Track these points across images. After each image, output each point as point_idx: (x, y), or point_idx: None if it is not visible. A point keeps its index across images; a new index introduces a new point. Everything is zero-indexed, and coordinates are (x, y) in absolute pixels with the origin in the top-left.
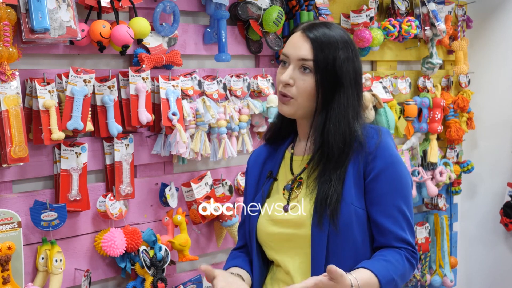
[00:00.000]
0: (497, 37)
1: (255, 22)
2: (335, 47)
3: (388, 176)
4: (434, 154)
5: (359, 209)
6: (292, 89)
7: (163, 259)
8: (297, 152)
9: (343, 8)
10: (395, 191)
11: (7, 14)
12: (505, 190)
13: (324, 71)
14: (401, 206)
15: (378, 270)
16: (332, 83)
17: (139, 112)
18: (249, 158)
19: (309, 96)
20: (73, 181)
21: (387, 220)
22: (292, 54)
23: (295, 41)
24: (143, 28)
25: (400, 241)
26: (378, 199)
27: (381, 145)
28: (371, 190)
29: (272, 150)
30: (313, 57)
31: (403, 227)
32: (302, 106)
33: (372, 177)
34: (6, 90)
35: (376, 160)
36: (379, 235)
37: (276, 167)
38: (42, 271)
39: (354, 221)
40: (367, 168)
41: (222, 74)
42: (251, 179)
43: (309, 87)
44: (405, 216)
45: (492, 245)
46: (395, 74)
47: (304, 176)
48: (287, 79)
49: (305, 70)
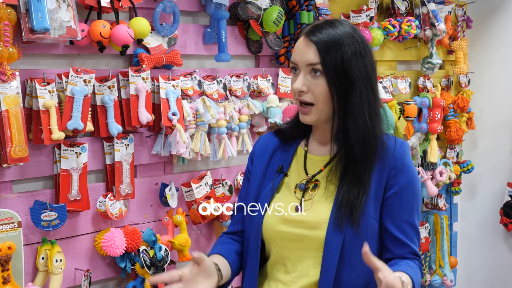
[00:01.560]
0: (497, 37)
1: (255, 22)
2: (341, 45)
3: (410, 193)
4: (434, 154)
5: (374, 221)
6: (308, 95)
7: (163, 259)
8: (312, 150)
9: (343, 8)
10: (412, 208)
11: (7, 14)
12: (505, 190)
13: (333, 71)
14: (415, 222)
15: (412, 275)
16: (344, 81)
17: (139, 112)
18: (256, 144)
19: (326, 99)
20: (73, 181)
21: (404, 235)
22: (300, 61)
23: (300, 47)
24: (143, 28)
25: (412, 254)
26: (396, 214)
27: (405, 160)
28: (390, 205)
29: (281, 143)
30: (320, 59)
31: (415, 243)
32: (322, 110)
33: (393, 192)
34: (6, 90)
35: (399, 175)
36: (396, 248)
37: (287, 162)
38: (42, 271)
39: (369, 232)
40: (389, 182)
41: (222, 74)
42: (258, 166)
43: (324, 90)
44: (417, 232)
45: (492, 245)
46: (395, 74)
47: (320, 178)
48: (301, 86)
49: (316, 74)
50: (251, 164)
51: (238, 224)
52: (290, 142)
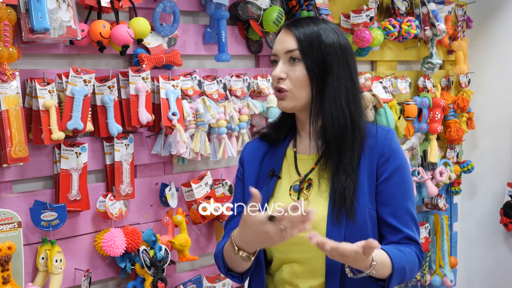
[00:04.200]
0: (497, 37)
1: (255, 22)
2: (319, 34)
3: (399, 178)
4: (434, 154)
5: (372, 211)
6: (286, 82)
7: (163, 259)
8: (300, 150)
9: (343, 8)
10: (404, 192)
11: (7, 14)
12: (505, 190)
13: (311, 56)
14: (409, 207)
15: (393, 255)
16: (322, 66)
17: (139, 112)
18: (244, 151)
19: (303, 86)
20: (73, 181)
21: (397, 221)
22: (279, 50)
23: (280, 37)
24: (143, 28)
25: (409, 239)
26: (389, 200)
27: (392, 146)
28: (382, 191)
29: (268, 147)
30: (298, 46)
31: (411, 227)
32: (299, 97)
33: (384, 178)
34: (6, 90)
35: (389, 162)
36: (390, 235)
37: (278, 165)
38: (42, 271)
39: (368, 222)
40: (379, 169)
41: (222, 74)
42: (249, 173)
43: (302, 76)
44: (413, 217)
45: (492, 245)
46: (395, 74)
47: (313, 177)
48: (279, 73)
49: (294, 61)
50: (242, 168)
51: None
52: (278, 145)
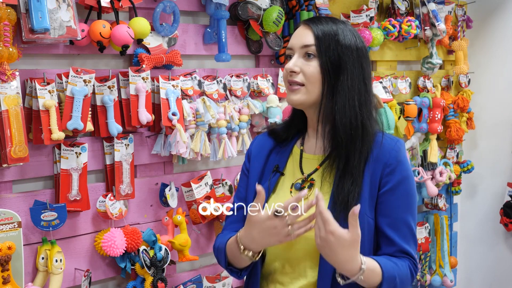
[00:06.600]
0: (497, 37)
1: (255, 22)
2: (337, 33)
3: (402, 190)
4: (434, 154)
5: (370, 219)
6: (299, 76)
7: (163, 259)
8: (307, 149)
9: (343, 8)
10: (406, 205)
11: (7, 14)
12: (505, 190)
13: (327, 53)
14: (409, 221)
15: (384, 264)
16: (336, 65)
17: (139, 112)
18: (252, 145)
19: (316, 82)
20: (73, 181)
21: (395, 233)
22: (296, 44)
23: (298, 32)
24: (143, 28)
25: (404, 253)
26: (389, 211)
27: (399, 158)
28: (383, 202)
29: (276, 144)
30: (315, 42)
31: (409, 242)
32: (310, 92)
33: (386, 189)
34: (6, 90)
35: (394, 173)
36: (385, 246)
37: (283, 161)
38: (42, 271)
39: (365, 230)
40: (383, 180)
41: (222, 74)
42: (255, 167)
43: (315, 72)
44: (411, 231)
45: (492, 245)
46: (395, 74)
47: (316, 178)
48: (292, 66)
49: (309, 57)
50: (248, 162)
51: (240, 223)
52: (287, 141)
